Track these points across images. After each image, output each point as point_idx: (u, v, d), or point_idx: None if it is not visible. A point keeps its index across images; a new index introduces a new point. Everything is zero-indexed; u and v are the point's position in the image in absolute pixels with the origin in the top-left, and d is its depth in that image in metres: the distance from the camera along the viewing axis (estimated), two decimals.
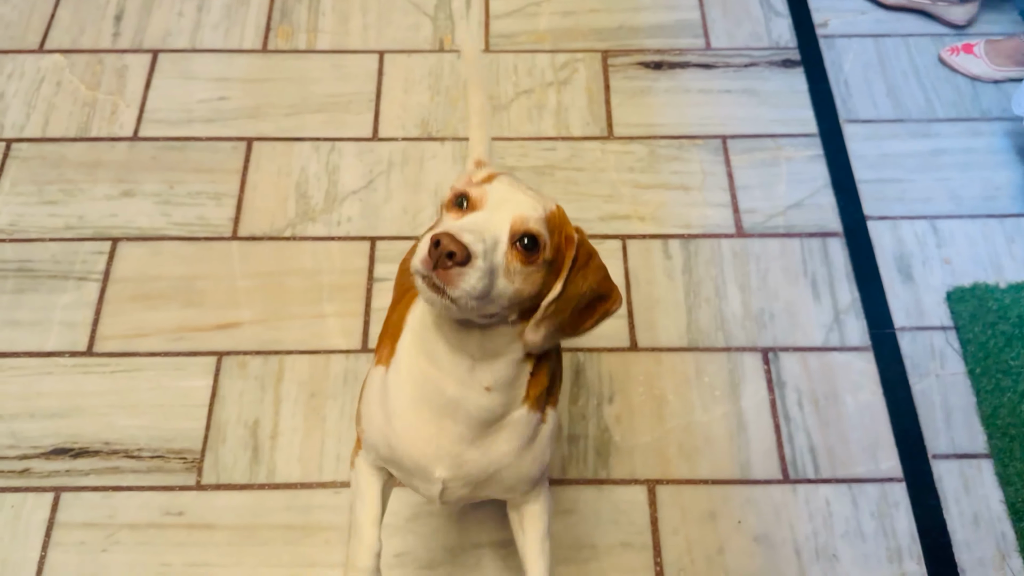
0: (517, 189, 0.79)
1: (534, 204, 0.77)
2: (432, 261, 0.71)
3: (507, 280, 0.76)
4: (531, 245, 0.76)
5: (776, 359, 1.58)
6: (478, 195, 0.77)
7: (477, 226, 0.74)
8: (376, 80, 1.90)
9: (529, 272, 0.77)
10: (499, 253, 0.75)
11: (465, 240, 0.71)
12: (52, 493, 1.44)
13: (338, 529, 1.41)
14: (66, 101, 1.86)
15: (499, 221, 0.75)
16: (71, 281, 1.63)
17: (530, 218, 0.76)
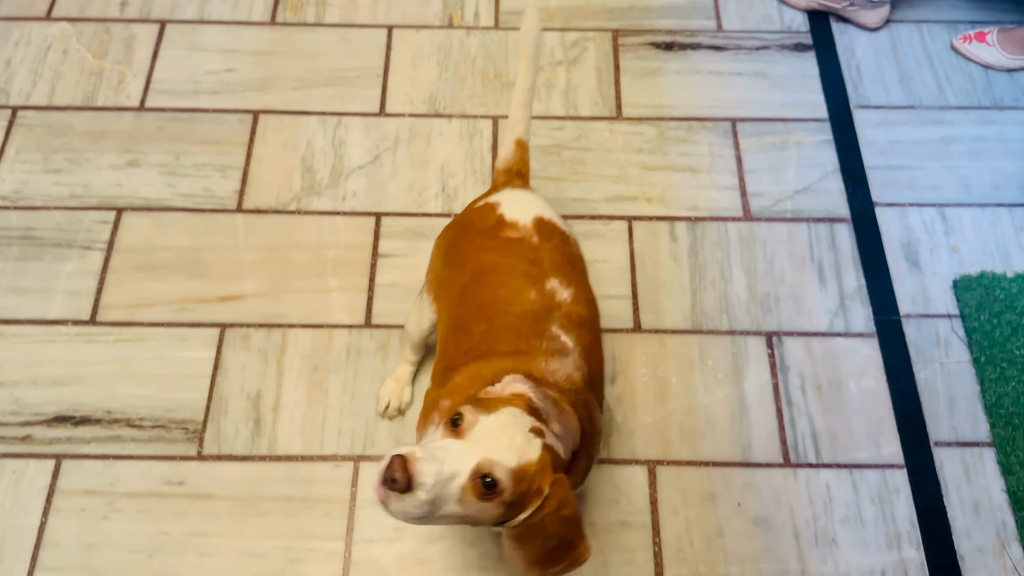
0: (507, 430, 0.84)
1: (510, 453, 0.83)
2: (381, 477, 0.80)
3: (459, 506, 0.83)
4: (491, 485, 0.82)
5: (780, 343, 1.57)
6: (469, 422, 0.84)
7: (442, 456, 0.81)
8: (384, 55, 1.89)
9: (484, 506, 0.83)
10: (453, 486, 0.81)
11: (415, 469, 0.79)
12: (53, 460, 1.44)
13: (338, 502, 1.41)
14: (73, 70, 1.85)
15: (467, 457, 0.82)
16: (75, 250, 1.63)
17: (497, 464, 0.82)
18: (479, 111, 1.81)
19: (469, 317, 1.13)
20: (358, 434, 1.47)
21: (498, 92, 1.84)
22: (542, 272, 1.13)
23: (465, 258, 1.20)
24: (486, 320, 1.10)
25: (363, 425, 1.47)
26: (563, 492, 0.87)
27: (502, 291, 1.12)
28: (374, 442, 1.46)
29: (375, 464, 1.42)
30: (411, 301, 1.58)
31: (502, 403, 0.88)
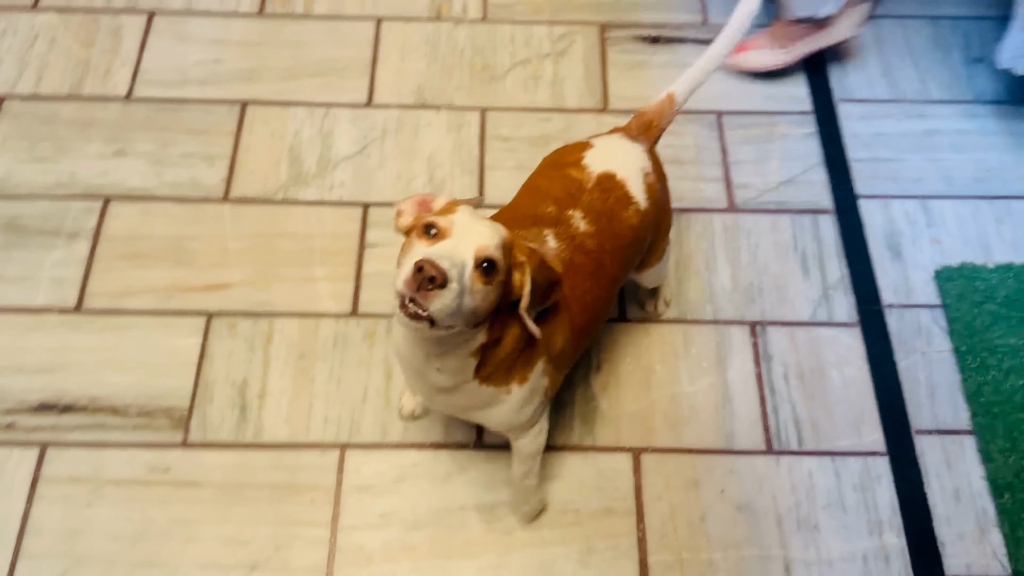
0: (476, 222, 0.94)
1: (491, 234, 0.92)
2: (415, 283, 0.85)
3: (471, 297, 0.90)
4: (489, 268, 0.91)
5: (764, 332, 1.58)
6: (445, 225, 0.92)
7: (450, 253, 0.88)
8: (372, 47, 1.89)
9: (487, 291, 0.92)
10: (466, 275, 0.89)
11: (443, 266, 0.85)
12: (37, 448, 1.44)
13: (324, 489, 1.41)
14: (59, 59, 1.85)
15: (465, 247, 0.90)
16: (61, 238, 1.63)
17: (489, 246, 0.91)
18: (467, 103, 1.82)
19: (494, 217, 1.24)
20: (344, 422, 1.47)
21: (486, 84, 1.85)
22: (572, 203, 1.21)
23: (527, 181, 1.33)
24: (498, 217, 1.22)
25: (349, 413, 1.48)
26: (527, 249, 0.99)
27: (526, 201, 1.25)
28: (359, 430, 1.46)
29: (361, 451, 1.43)
30: None
31: (450, 207, 0.98)
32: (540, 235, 1.17)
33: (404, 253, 0.94)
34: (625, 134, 1.33)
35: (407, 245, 0.95)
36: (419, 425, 1.47)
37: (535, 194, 1.26)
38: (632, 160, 1.28)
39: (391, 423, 1.47)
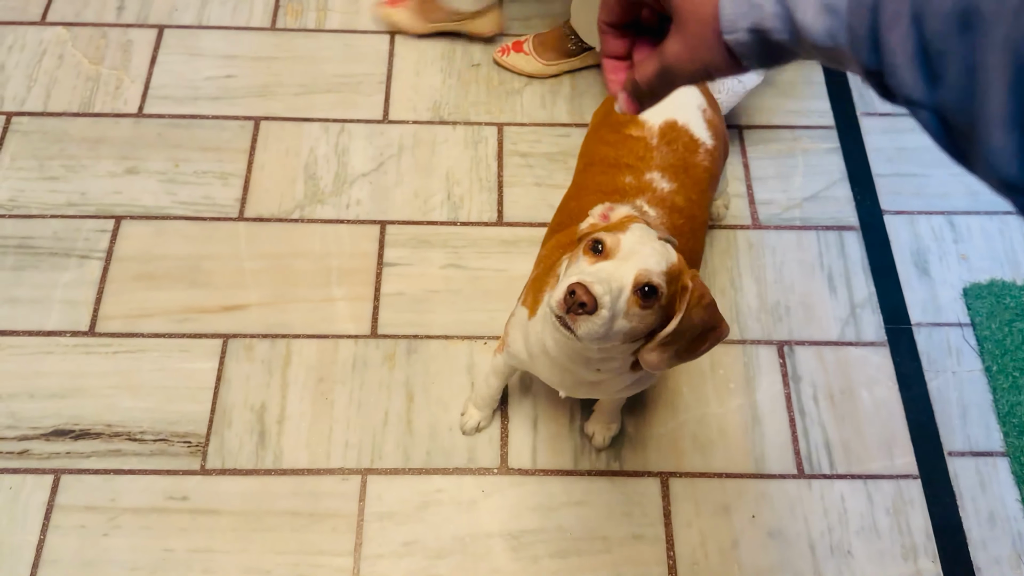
0: (646, 241, 0.90)
1: (658, 259, 0.89)
2: (566, 306, 0.86)
3: (625, 320, 0.89)
4: (650, 293, 0.88)
5: (792, 353, 1.56)
6: (612, 244, 0.90)
7: (607, 276, 0.87)
8: (387, 61, 1.86)
9: (645, 315, 0.90)
10: (622, 300, 0.88)
11: (595, 292, 0.85)
12: (52, 475, 1.40)
13: (346, 517, 1.38)
14: (69, 75, 1.81)
15: (626, 272, 0.88)
16: (73, 259, 1.59)
17: (653, 272, 0.88)
18: (484, 118, 1.79)
19: (568, 198, 1.27)
20: (365, 447, 1.44)
21: (503, 99, 1.82)
22: (646, 166, 1.22)
23: (587, 148, 1.32)
24: (578, 199, 1.23)
25: (370, 437, 1.44)
26: (700, 283, 0.95)
27: (601, 177, 1.23)
28: (381, 455, 1.43)
29: (383, 477, 1.40)
30: (417, 311, 1.56)
31: (625, 222, 0.94)
32: (637, 207, 1.16)
33: (570, 264, 0.95)
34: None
35: (575, 256, 0.95)
36: (442, 449, 1.44)
37: (605, 165, 1.25)
38: (687, 101, 1.28)
39: (413, 447, 1.44)
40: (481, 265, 1.61)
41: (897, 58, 0.38)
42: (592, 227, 0.99)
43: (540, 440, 1.46)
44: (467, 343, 1.53)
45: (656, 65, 0.55)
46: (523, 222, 1.66)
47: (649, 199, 1.19)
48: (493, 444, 1.45)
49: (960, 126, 0.36)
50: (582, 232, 1.01)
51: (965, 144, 0.37)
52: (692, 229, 1.21)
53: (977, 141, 0.35)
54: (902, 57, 0.37)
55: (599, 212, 1.01)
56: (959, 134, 0.37)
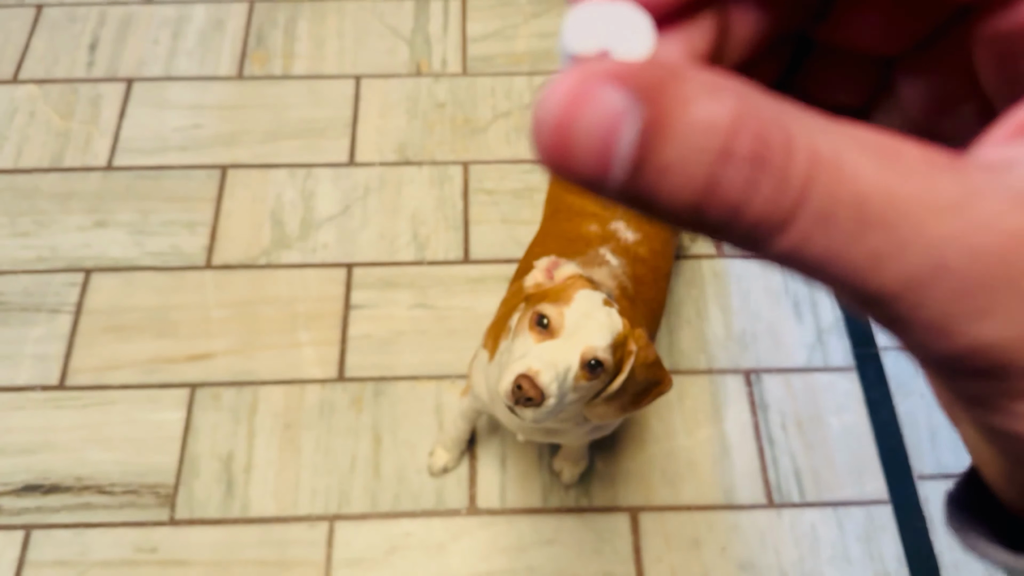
0: (591, 314, 0.91)
1: (603, 333, 0.90)
2: (514, 398, 0.87)
3: (574, 393, 0.91)
4: (596, 366, 0.90)
5: (759, 380, 1.56)
6: (556, 320, 0.91)
7: (551, 360, 0.88)
8: (353, 105, 1.89)
9: (592, 384, 0.92)
10: (569, 378, 0.89)
11: (542, 383, 0.86)
12: (22, 531, 1.40)
13: (314, 564, 1.38)
14: (39, 131, 1.84)
15: (572, 350, 0.89)
16: (43, 313, 1.61)
17: (599, 348, 0.89)
18: (449, 157, 1.81)
19: (534, 243, 1.28)
20: (332, 493, 1.44)
21: (467, 137, 1.84)
22: (611, 215, 1.23)
23: (552, 194, 1.33)
24: (543, 244, 1.24)
25: (337, 483, 1.45)
26: (644, 343, 0.95)
27: (567, 224, 1.24)
28: (349, 500, 1.43)
29: (350, 523, 1.40)
30: (384, 352, 1.57)
31: (569, 289, 0.95)
32: (599, 256, 1.18)
33: (516, 332, 0.95)
34: None
35: (520, 323, 0.95)
36: (410, 492, 1.44)
37: (570, 213, 1.26)
38: None
39: (381, 491, 1.44)
40: (448, 304, 1.62)
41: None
42: (536, 286, 1.00)
43: (509, 478, 1.45)
44: (435, 383, 1.54)
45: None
46: (489, 259, 1.67)
47: (613, 248, 1.20)
48: (461, 484, 1.45)
49: None
50: (527, 290, 1.01)
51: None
52: (655, 279, 1.22)
53: None
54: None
55: (544, 266, 1.02)
56: None
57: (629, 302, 1.15)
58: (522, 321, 0.96)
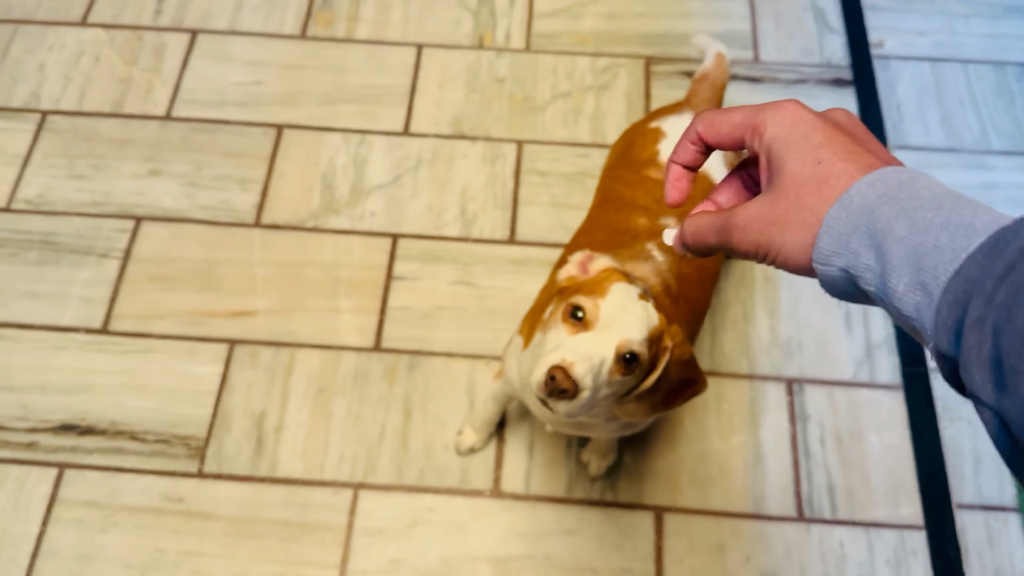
0: (626, 307, 0.89)
1: (639, 326, 0.88)
2: (547, 390, 0.85)
3: (607, 388, 0.89)
4: (631, 360, 0.88)
5: (801, 391, 1.52)
6: (592, 312, 0.89)
7: (586, 352, 0.86)
8: (412, 74, 1.87)
9: (626, 380, 0.90)
10: (604, 372, 0.87)
11: (576, 375, 0.84)
12: (56, 469, 1.44)
13: (335, 530, 1.38)
14: (103, 76, 1.86)
15: (607, 342, 0.87)
16: (92, 257, 1.63)
17: (634, 341, 0.88)
18: (504, 135, 1.78)
19: (581, 231, 1.25)
20: (359, 461, 1.44)
21: (524, 116, 1.81)
22: (661, 210, 1.20)
23: (604, 184, 1.31)
24: (589, 234, 1.21)
25: (364, 451, 1.45)
26: (679, 340, 0.94)
27: (615, 215, 1.22)
28: (375, 470, 1.43)
29: (374, 492, 1.40)
30: (421, 326, 1.56)
31: (604, 282, 0.93)
32: (645, 250, 1.15)
33: (549, 324, 0.93)
34: (694, 112, 1.28)
35: (554, 315, 0.93)
36: (435, 468, 1.44)
37: (620, 204, 1.23)
38: None
39: (407, 464, 1.44)
40: (490, 283, 1.61)
41: (972, 357, 0.39)
42: (570, 279, 0.98)
43: (535, 465, 1.44)
44: (469, 362, 1.53)
45: (717, 223, 0.54)
46: (535, 241, 1.65)
47: (659, 244, 1.17)
48: (487, 466, 1.44)
49: (1020, 439, 0.37)
50: (560, 284, 0.99)
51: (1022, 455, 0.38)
52: (700, 279, 1.19)
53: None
54: (976, 358, 0.38)
55: (578, 260, 1.00)
56: (1018, 444, 0.38)
57: (671, 300, 1.12)
58: (555, 313, 0.94)
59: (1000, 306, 0.37)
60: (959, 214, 0.42)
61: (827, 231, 0.46)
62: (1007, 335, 0.37)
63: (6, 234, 1.65)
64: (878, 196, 0.44)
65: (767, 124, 0.51)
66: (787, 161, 0.49)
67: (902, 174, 0.45)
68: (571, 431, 1.18)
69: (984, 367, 0.38)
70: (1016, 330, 0.36)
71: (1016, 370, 0.36)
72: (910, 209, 0.43)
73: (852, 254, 0.45)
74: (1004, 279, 0.38)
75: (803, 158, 0.48)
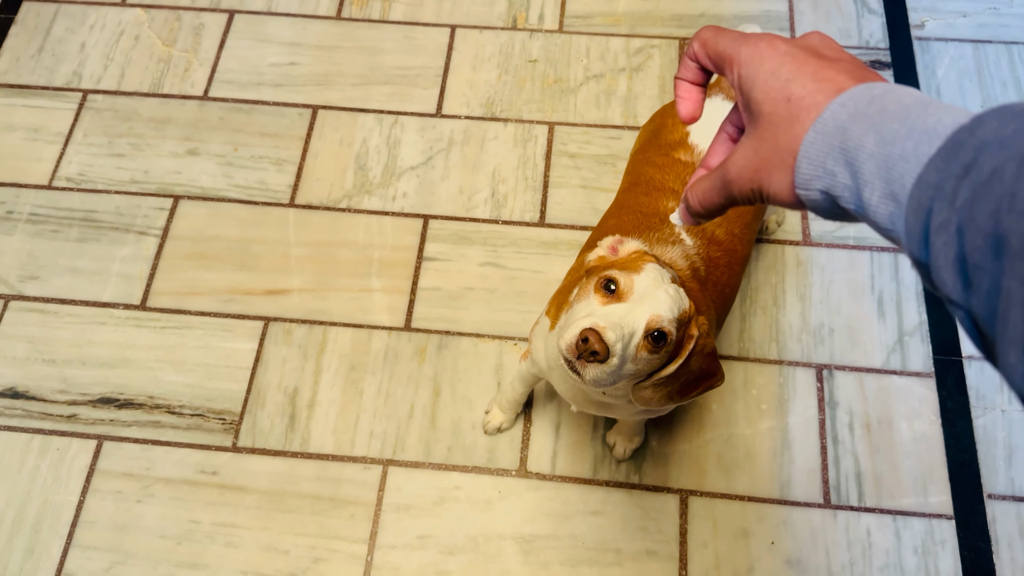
0: (660, 284, 0.89)
1: (671, 304, 0.89)
2: (577, 352, 0.86)
3: (632, 364, 0.89)
4: (660, 338, 0.88)
5: (831, 377, 1.51)
6: (626, 285, 0.89)
7: (619, 320, 0.86)
8: (446, 55, 1.87)
9: (652, 359, 0.90)
10: (632, 345, 0.87)
11: (608, 339, 0.84)
12: (95, 440, 1.48)
13: (365, 505, 1.41)
14: (143, 56, 1.89)
15: (638, 316, 0.87)
16: (132, 235, 1.67)
17: (665, 318, 0.88)
18: (536, 116, 1.79)
19: (608, 215, 1.25)
20: (389, 438, 1.47)
21: (556, 97, 1.81)
22: None
23: (633, 167, 1.30)
24: (617, 216, 1.20)
25: (394, 429, 1.47)
26: (705, 331, 0.94)
27: (644, 198, 1.21)
28: (404, 447, 1.46)
29: (403, 469, 1.42)
30: (451, 307, 1.57)
31: (637, 261, 0.93)
32: (674, 234, 1.15)
33: (579, 298, 0.93)
34: (725, 94, 1.27)
35: (584, 289, 0.94)
36: (463, 447, 1.45)
37: (649, 187, 1.23)
38: None
39: (435, 443, 1.46)
40: (519, 265, 1.61)
41: (940, 260, 0.40)
42: (600, 260, 0.98)
43: (561, 446, 1.46)
44: (497, 343, 1.54)
45: (714, 181, 0.55)
46: (565, 224, 1.66)
47: (688, 228, 1.16)
48: (514, 446, 1.46)
49: (986, 333, 0.38)
50: (589, 264, 0.99)
51: (991, 348, 0.39)
52: (729, 263, 1.19)
53: (998, 353, 0.37)
54: (944, 260, 0.40)
55: (608, 244, 1.00)
56: (986, 339, 0.39)
57: (699, 284, 1.12)
58: (585, 287, 0.94)
59: (962, 207, 0.38)
60: (924, 121, 0.42)
61: (804, 156, 0.47)
62: (969, 234, 0.38)
63: (48, 211, 1.69)
64: (849, 115, 0.45)
65: (741, 60, 0.52)
66: (761, 103, 0.50)
67: (874, 89, 0.45)
68: (596, 411, 1.18)
69: (951, 268, 0.39)
70: (977, 228, 0.37)
71: (979, 266, 0.37)
72: (879, 123, 0.43)
73: (829, 175, 0.46)
74: (963, 179, 0.38)
75: (774, 97, 0.49)
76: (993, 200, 0.37)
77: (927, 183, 0.40)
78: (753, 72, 0.51)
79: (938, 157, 0.40)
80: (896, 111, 0.43)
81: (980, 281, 0.37)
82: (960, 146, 0.40)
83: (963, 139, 0.40)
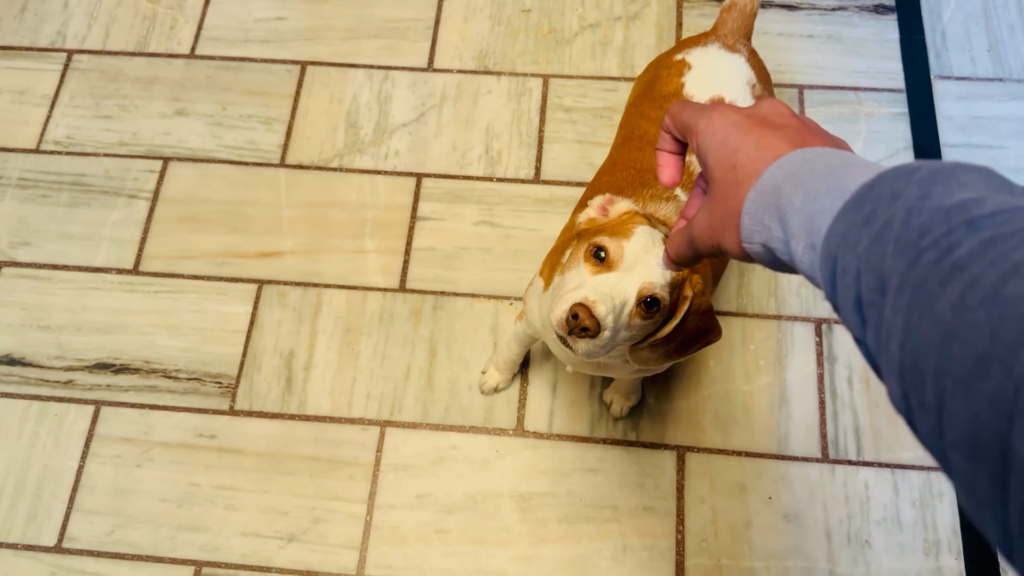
0: (651, 249, 0.87)
1: (663, 270, 0.87)
2: (568, 328, 0.85)
3: (626, 331, 0.89)
4: (652, 304, 0.87)
5: (830, 332, 1.49)
6: (615, 252, 0.88)
7: (609, 291, 0.85)
8: (437, 5, 1.82)
9: (646, 324, 0.89)
10: (624, 314, 0.86)
11: (598, 314, 0.83)
12: (93, 406, 1.48)
13: (363, 466, 1.42)
14: (127, 14, 1.84)
15: (630, 284, 0.86)
16: (122, 198, 1.65)
17: (656, 284, 0.86)
18: (530, 69, 1.74)
19: (602, 171, 1.23)
20: (386, 399, 1.46)
21: (551, 49, 1.76)
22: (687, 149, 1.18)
23: (626, 121, 1.27)
24: (611, 173, 1.18)
25: (391, 390, 1.47)
26: (700, 289, 0.94)
27: (638, 154, 1.19)
28: (401, 408, 1.45)
29: (401, 430, 1.43)
30: (446, 267, 1.56)
31: (627, 223, 0.92)
32: (670, 190, 1.13)
33: (569, 264, 0.92)
34: (722, 43, 1.24)
35: (575, 255, 0.92)
36: (460, 407, 1.45)
37: (643, 142, 1.20)
38: (736, 76, 1.21)
39: (432, 403, 1.46)
40: (514, 224, 1.59)
41: (844, 301, 0.45)
42: (590, 222, 0.96)
43: (558, 405, 1.45)
44: (493, 303, 1.53)
45: (684, 237, 0.62)
46: (560, 180, 1.63)
47: (684, 184, 1.14)
48: (511, 405, 1.45)
49: (880, 365, 0.43)
50: (580, 227, 0.97)
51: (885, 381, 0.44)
52: None
53: (883, 379, 0.43)
54: (846, 301, 0.45)
55: (598, 204, 0.98)
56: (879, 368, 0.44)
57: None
58: (576, 253, 0.92)
59: (861, 253, 0.43)
60: (842, 180, 0.47)
61: (746, 213, 0.53)
62: (864, 276, 0.43)
63: (37, 175, 1.67)
64: (784, 176, 0.51)
65: (699, 131, 0.59)
66: (714, 169, 0.56)
67: (808, 153, 0.51)
68: (592, 371, 1.18)
69: (852, 308, 0.44)
70: (871, 270, 0.43)
71: (871, 303, 0.43)
72: (807, 183, 0.49)
73: (766, 229, 0.51)
74: (863, 228, 0.44)
75: (723, 164, 0.55)
76: (883, 245, 0.42)
77: (835, 234, 0.46)
78: (707, 141, 0.57)
79: (845, 210, 0.46)
80: (821, 171, 0.49)
81: (871, 317, 0.43)
82: (862, 200, 0.45)
83: (864, 194, 0.45)
